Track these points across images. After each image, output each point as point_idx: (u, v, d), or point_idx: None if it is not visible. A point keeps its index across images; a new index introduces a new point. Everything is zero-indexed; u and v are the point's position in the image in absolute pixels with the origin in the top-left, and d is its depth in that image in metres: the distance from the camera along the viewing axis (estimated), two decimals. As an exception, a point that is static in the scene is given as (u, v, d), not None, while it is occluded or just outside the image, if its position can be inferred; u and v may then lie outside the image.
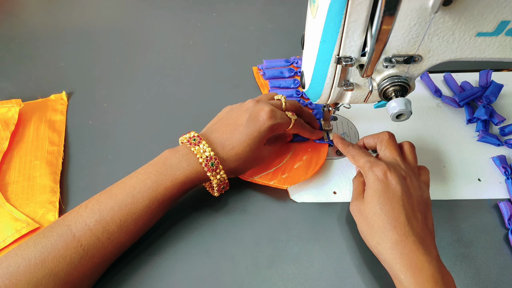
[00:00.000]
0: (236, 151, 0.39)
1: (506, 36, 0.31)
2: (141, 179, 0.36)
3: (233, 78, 0.58)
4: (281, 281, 0.38)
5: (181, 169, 0.37)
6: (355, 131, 0.50)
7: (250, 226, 0.41)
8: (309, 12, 0.34)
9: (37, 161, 0.46)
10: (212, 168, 0.37)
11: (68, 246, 0.32)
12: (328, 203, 0.43)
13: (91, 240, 0.33)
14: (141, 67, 0.60)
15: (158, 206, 0.36)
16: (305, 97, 0.54)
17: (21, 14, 0.69)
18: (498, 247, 0.40)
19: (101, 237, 0.33)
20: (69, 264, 0.32)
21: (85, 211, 0.34)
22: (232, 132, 0.39)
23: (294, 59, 0.58)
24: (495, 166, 0.47)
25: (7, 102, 0.50)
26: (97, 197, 0.36)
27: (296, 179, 0.44)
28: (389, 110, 0.34)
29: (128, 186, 0.36)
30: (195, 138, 0.38)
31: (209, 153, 0.37)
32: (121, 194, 0.35)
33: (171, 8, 0.70)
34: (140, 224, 0.36)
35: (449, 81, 0.56)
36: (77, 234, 0.33)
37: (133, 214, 0.35)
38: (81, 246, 0.32)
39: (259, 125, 0.39)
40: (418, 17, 0.29)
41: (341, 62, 0.33)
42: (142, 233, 0.37)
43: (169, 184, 0.36)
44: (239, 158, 0.39)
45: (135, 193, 0.35)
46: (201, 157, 0.37)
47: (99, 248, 0.33)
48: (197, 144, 0.38)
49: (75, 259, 0.32)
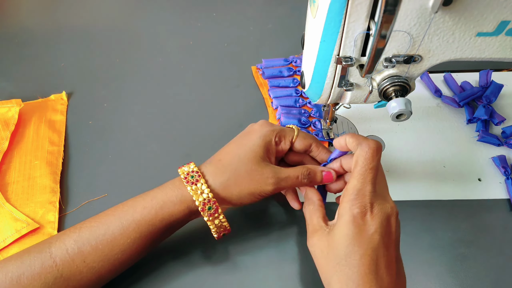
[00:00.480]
0: (223, 163, 0.35)
1: (506, 36, 0.31)
2: (127, 210, 0.34)
3: (233, 78, 0.58)
4: (281, 281, 0.38)
5: (170, 209, 0.34)
6: (355, 131, 0.50)
7: (250, 226, 0.41)
8: (309, 12, 0.34)
9: (37, 161, 0.46)
10: (210, 212, 0.34)
11: (44, 265, 0.31)
12: (327, 203, 0.43)
13: (66, 261, 0.31)
14: (141, 67, 0.60)
15: (135, 229, 0.33)
16: (305, 96, 0.54)
17: (21, 14, 0.69)
18: (498, 247, 0.40)
19: (76, 259, 0.32)
20: (43, 284, 0.30)
21: (69, 231, 0.33)
22: (222, 149, 0.37)
23: (292, 58, 0.58)
24: (495, 166, 0.47)
25: (7, 102, 0.50)
26: (88, 219, 0.34)
27: None
28: (389, 110, 0.34)
29: (117, 211, 0.34)
30: (193, 175, 0.34)
31: (207, 195, 0.33)
32: (105, 215, 0.34)
33: (171, 8, 0.70)
34: (116, 249, 0.33)
35: (449, 81, 0.56)
36: (54, 253, 0.32)
37: (108, 235, 0.33)
38: (56, 266, 0.31)
39: (250, 135, 0.36)
40: (418, 17, 0.29)
41: (341, 62, 0.33)
42: (122, 264, 0.34)
43: (148, 204, 0.34)
44: (226, 169, 0.35)
45: (116, 213, 0.34)
46: (197, 199, 0.33)
47: (73, 270, 0.31)
48: (195, 183, 0.34)
49: (50, 279, 0.31)
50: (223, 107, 0.44)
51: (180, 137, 0.50)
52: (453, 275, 0.38)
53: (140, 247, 0.34)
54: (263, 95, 0.55)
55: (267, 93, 0.55)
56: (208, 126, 0.45)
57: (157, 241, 0.36)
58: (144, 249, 0.35)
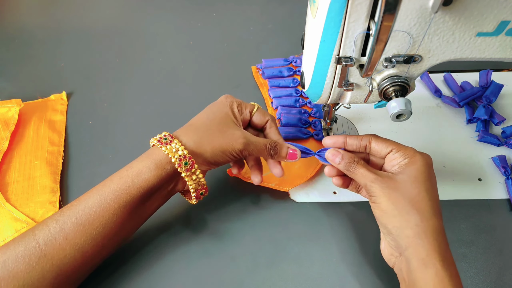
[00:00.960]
0: (194, 123, 0.38)
1: (506, 36, 0.31)
2: (104, 183, 0.35)
3: (233, 78, 0.58)
4: (281, 281, 0.38)
5: (146, 175, 0.34)
6: (355, 131, 0.50)
7: (250, 226, 0.41)
8: (309, 12, 0.34)
9: (37, 161, 0.46)
10: (187, 167, 0.35)
11: (27, 247, 0.31)
12: (328, 203, 0.44)
13: (48, 240, 0.32)
14: (141, 67, 0.60)
15: (113, 199, 0.34)
16: (305, 95, 0.54)
17: (21, 14, 0.69)
18: (498, 247, 0.40)
19: (58, 236, 0.32)
20: (27, 265, 0.31)
21: (53, 214, 0.34)
22: (195, 117, 0.39)
23: (292, 58, 0.58)
24: (495, 166, 0.47)
25: (7, 102, 0.50)
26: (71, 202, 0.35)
27: (296, 181, 0.44)
28: (389, 110, 0.34)
29: (96, 187, 0.35)
30: (166, 137, 0.36)
31: (182, 152, 0.35)
32: (85, 194, 0.34)
33: (171, 8, 0.70)
34: (96, 223, 0.33)
35: (449, 81, 0.56)
36: (37, 235, 0.32)
37: (88, 209, 0.33)
38: (39, 246, 0.31)
39: (217, 103, 0.40)
40: (418, 17, 0.29)
41: (341, 62, 0.33)
42: (106, 239, 0.34)
43: (123, 173, 0.35)
44: (198, 129, 0.37)
45: (94, 188, 0.34)
46: (173, 157, 0.34)
47: (56, 248, 0.32)
48: (169, 143, 0.35)
49: (33, 260, 0.31)
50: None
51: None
52: (453, 275, 0.38)
53: (120, 218, 0.34)
54: (263, 95, 0.55)
55: (267, 93, 0.55)
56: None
57: (139, 214, 0.36)
58: (126, 222, 0.35)
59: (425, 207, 0.33)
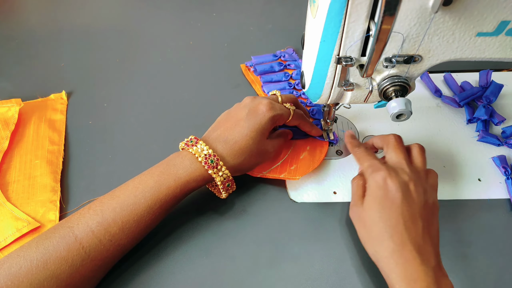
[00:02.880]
0: (240, 145, 0.38)
1: (506, 36, 0.31)
2: (143, 180, 0.36)
3: (233, 78, 0.58)
4: (281, 281, 0.38)
5: (184, 168, 0.37)
6: (355, 131, 0.50)
7: (250, 226, 0.41)
8: (309, 12, 0.34)
9: (37, 160, 0.46)
10: (212, 165, 0.37)
11: (70, 248, 0.32)
12: (328, 203, 0.44)
13: (93, 242, 0.33)
14: (141, 67, 0.60)
15: (161, 206, 0.36)
16: (298, 88, 0.55)
17: (21, 14, 0.69)
18: (498, 247, 0.40)
19: (103, 239, 0.33)
20: (71, 266, 0.31)
21: (88, 213, 0.34)
22: (234, 127, 0.39)
23: (280, 53, 0.59)
24: (495, 166, 0.47)
25: (7, 101, 0.50)
26: (100, 199, 0.36)
27: (305, 169, 0.44)
28: (389, 110, 0.34)
29: (130, 187, 0.36)
30: (192, 140, 0.39)
31: (207, 151, 0.37)
32: (123, 194, 0.35)
33: (171, 8, 0.70)
34: (142, 226, 0.35)
35: (449, 81, 0.56)
36: (79, 236, 0.32)
37: (135, 215, 0.35)
38: (83, 248, 0.32)
39: (259, 117, 0.39)
40: (418, 17, 0.29)
41: (341, 62, 0.33)
42: (144, 235, 0.37)
43: (172, 183, 0.36)
44: (243, 152, 0.39)
45: (137, 193, 0.35)
46: (200, 156, 0.37)
47: (101, 250, 0.33)
48: (195, 145, 0.38)
49: (77, 261, 0.32)
50: (224, 107, 0.44)
51: (180, 137, 0.50)
52: (453, 275, 0.38)
53: (161, 216, 0.37)
54: (256, 91, 0.56)
55: (261, 90, 0.55)
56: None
57: (173, 207, 0.39)
58: (163, 217, 0.38)
59: (378, 232, 0.34)
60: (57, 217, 0.41)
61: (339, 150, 0.48)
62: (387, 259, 0.33)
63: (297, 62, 0.58)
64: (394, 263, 0.32)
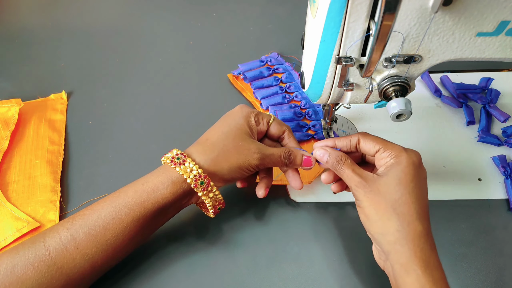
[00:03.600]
0: (211, 140, 0.37)
1: (506, 36, 0.31)
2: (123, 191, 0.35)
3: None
4: (281, 281, 0.38)
5: (162, 192, 0.34)
6: (355, 131, 0.50)
7: (250, 226, 0.41)
8: (309, 12, 0.34)
9: (37, 160, 0.46)
10: (203, 187, 0.34)
11: (37, 254, 0.31)
12: (328, 203, 0.44)
13: (59, 249, 0.32)
14: (141, 67, 0.60)
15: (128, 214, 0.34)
16: (289, 91, 0.55)
17: (21, 14, 0.69)
18: (498, 247, 0.40)
19: (69, 246, 0.32)
20: (37, 272, 0.30)
21: (63, 221, 0.33)
22: (210, 131, 0.39)
23: (266, 58, 0.59)
24: (495, 166, 0.47)
25: (7, 101, 0.50)
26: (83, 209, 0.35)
27: (313, 174, 0.44)
28: (389, 110, 0.34)
29: (109, 198, 0.34)
30: (179, 157, 0.35)
31: (196, 171, 0.34)
32: (98, 204, 0.34)
33: (171, 8, 0.70)
34: (108, 235, 0.33)
35: (445, 82, 0.56)
36: (48, 242, 0.32)
37: (100, 221, 0.33)
38: (49, 254, 0.31)
39: (233, 115, 0.39)
40: (418, 17, 0.29)
41: (341, 62, 0.33)
42: (116, 251, 0.34)
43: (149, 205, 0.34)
44: (214, 147, 0.36)
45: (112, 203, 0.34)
46: (189, 177, 0.34)
47: (67, 258, 0.32)
48: (182, 164, 0.35)
49: (43, 268, 0.31)
50: (224, 107, 0.44)
51: (180, 137, 0.50)
52: (453, 275, 0.38)
53: (133, 232, 0.34)
54: (248, 99, 0.55)
55: (253, 97, 0.55)
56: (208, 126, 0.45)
57: (150, 227, 0.36)
58: (138, 235, 0.35)
59: (407, 211, 0.32)
60: (57, 217, 0.41)
61: (339, 150, 0.48)
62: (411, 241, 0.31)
63: (284, 65, 0.58)
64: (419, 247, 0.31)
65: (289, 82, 0.56)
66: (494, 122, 0.52)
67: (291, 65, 0.58)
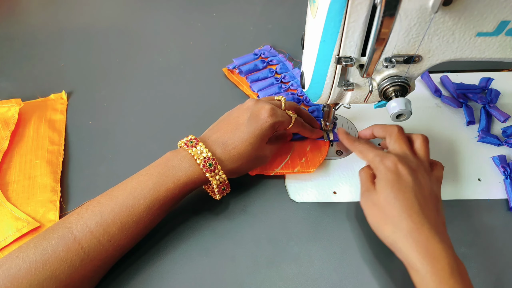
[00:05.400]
0: (239, 150, 0.39)
1: (506, 36, 0.31)
2: (142, 181, 0.36)
3: (233, 78, 0.58)
4: (281, 281, 0.38)
5: (183, 170, 0.37)
6: (355, 131, 0.50)
7: (250, 226, 0.41)
8: (309, 12, 0.34)
9: (37, 160, 0.46)
10: (210, 168, 0.37)
11: (69, 249, 0.32)
12: (328, 203, 0.44)
13: (92, 243, 0.33)
14: (141, 67, 0.60)
15: (160, 207, 0.36)
16: (284, 81, 0.56)
17: (21, 14, 0.69)
18: (498, 247, 0.40)
19: (102, 239, 0.33)
20: (70, 266, 0.31)
21: (86, 213, 0.34)
22: (234, 131, 0.39)
23: (259, 51, 0.60)
24: (495, 166, 0.47)
25: (7, 101, 0.50)
26: (98, 199, 0.36)
27: (316, 160, 0.45)
28: (389, 110, 0.34)
29: (129, 188, 0.36)
30: (192, 141, 0.38)
31: (206, 154, 0.37)
32: (122, 195, 0.35)
33: (171, 8, 0.70)
34: (141, 226, 0.35)
35: (445, 82, 0.56)
36: (78, 236, 0.32)
37: (134, 215, 0.35)
38: (82, 248, 0.32)
39: (260, 123, 0.39)
40: (418, 17, 0.29)
41: (341, 62, 0.33)
42: (143, 235, 0.37)
43: (170, 185, 0.36)
44: (242, 157, 0.39)
45: (136, 194, 0.35)
46: (199, 158, 0.37)
47: (100, 250, 0.33)
48: (194, 146, 0.38)
49: (76, 261, 0.32)
50: (224, 107, 0.44)
51: (180, 137, 0.50)
52: (453, 275, 0.38)
53: (161, 217, 0.38)
54: (244, 92, 0.56)
55: (249, 90, 0.55)
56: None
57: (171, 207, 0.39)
58: (160, 217, 0.38)
59: (395, 213, 0.34)
60: (57, 217, 0.41)
61: (339, 150, 0.48)
62: (405, 238, 0.32)
63: (277, 57, 0.59)
64: (414, 241, 0.32)
65: (283, 73, 0.57)
66: (494, 122, 0.52)
67: (284, 56, 0.59)
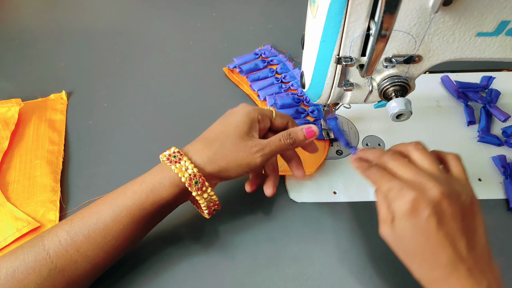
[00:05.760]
0: (208, 137, 0.37)
1: (506, 36, 0.31)
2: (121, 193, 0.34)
3: (233, 78, 0.58)
4: (281, 281, 0.38)
5: (160, 191, 0.34)
6: (355, 131, 0.50)
7: (250, 226, 0.41)
8: (309, 12, 0.34)
9: (37, 160, 0.46)
10: (197, 187, 0.34)
11: (37, 258, 0.31)
12: (328, 203, 0.44)
13: (59, 252, 0.32)
14: (141, 67, 0.60)
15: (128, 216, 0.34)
16: (285, 81, 0.56)
17: (21, 14, 0.69)
18: (498, 247, 0.40)
19: (70, 249, 0.32)
20: (38, 276, 0.31)
21: (61, 223, 0.33)
22: (209, 129, 0.38)
23: (259, 51, 0.60)
24: (495, 166, 0.47)
25: (7, 101, 0.50)
26: (80, 211, 0.35)
27: (316, 161, 0.45)
28: (389, 110, 0.34)
29: (108, 199, 0.34)
30: (175, 155, 0.35)
31: (192, 170, 0.34)
32: (96, 206, 0.34)
33: (171, 8, 0.70)
34: (109, 237, 0.33)
35: (446, 82, 0.56)
36: (47, 246, 0.32)
37: (100, 223, 0.33)
38: (50, 257, 0.31)
39: (234, 112, 0.38)
40: (418, 17, 0.29)
41: (341, 62, 0.33)
42: (116, 249, 0.34)
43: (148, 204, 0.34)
44: (211, 142, 0.36)
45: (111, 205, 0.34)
46: (183, 176, 0.34)
47: (68, 260, 0.32)
48: (178, 162, 0.34)
49: (44, 271, 0.31)
50: (224, 107, 0.44)
51: (180, 137, 0.50)
52: (453, 275, 0.38)
53: (133, 232, 0.34)
54: (245, 91, 0.56)
55: (250, 89, 0.55)
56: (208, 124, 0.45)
57: (149, 225, 0.36)
58: (137, 234, 0.35)
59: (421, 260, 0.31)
60: (57, 217, 0.41)
61: (339, 150, 0.48)
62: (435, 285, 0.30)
63: (278, 57, 0.59)
64: None
65: (284, 73, 0.57)
66: (494, 122, 0.52)
67: (285, 56, 0.59)
